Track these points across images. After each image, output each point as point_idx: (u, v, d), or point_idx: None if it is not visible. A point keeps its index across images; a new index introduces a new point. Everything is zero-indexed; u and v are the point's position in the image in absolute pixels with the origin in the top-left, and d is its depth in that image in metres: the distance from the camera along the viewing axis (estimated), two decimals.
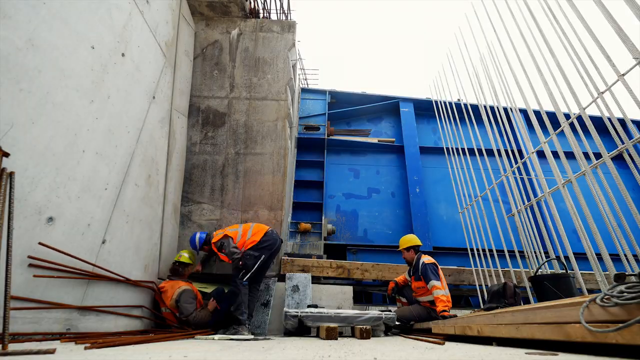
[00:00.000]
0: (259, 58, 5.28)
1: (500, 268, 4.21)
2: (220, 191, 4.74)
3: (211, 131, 4.98)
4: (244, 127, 5.01)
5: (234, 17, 5.39)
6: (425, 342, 2.62)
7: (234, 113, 5.06)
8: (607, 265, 2.40)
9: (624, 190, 2.30)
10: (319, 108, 7.41)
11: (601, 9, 2.39)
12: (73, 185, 2.55)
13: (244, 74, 5.20)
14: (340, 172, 6.80)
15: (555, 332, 1.64)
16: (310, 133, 7.00)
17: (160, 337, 2.56)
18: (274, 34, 5.38)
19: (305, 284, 4.25)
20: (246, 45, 5.32)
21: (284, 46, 5.34)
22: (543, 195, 3.33)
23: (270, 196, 4.75)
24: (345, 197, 6.57)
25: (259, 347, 2.22)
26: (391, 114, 7.63)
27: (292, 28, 5.45)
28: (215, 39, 5.31)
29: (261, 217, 4.65)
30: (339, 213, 6.43)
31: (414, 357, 1.63)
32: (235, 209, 4.68)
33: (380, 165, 6.91)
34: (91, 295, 2.73)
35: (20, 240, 2.11)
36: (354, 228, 6.27)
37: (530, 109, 3.30)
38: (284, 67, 5.23)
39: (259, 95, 5.13)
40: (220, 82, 5.16)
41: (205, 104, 5.08)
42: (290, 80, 5.24)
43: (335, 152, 6.97)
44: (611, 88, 2.39)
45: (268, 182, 4.80)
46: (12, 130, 2.04)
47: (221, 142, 4.94)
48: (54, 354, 1.55)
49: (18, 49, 2.09)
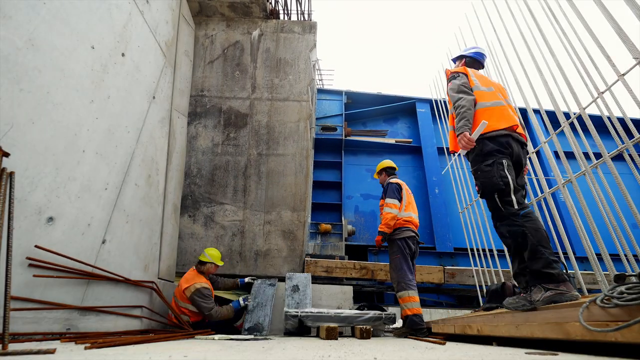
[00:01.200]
0: (280, 59, 5.28)
1: (501, 268, 4.21)
2: (242, 192, 4.75)
3: (233, 132, 4.99)
4: (266, 128, 5.01)
5: (254, 18, 5.39)
6: (426, 342, 2.62)
7: (256, 114, 5.06)
8: (607, 266, 2.40)
9: (624, 190, 2.30)
10: (335, 109, 7.37)
11: (601, 9, 2.39)
12: (73, 185, 2.55)
13: (266, 74, 5.20)
14: (358, 172, 6.77)
15: (555, 330, 1.64)
16: (328, 134, 6.96)
17: (160, 337, 2.56)
18: (295, 35, 5.38)
19: (305, 284, 4.25)
20: (267, 46, 5.32)
21: (305, 47, 5.34)
22: (543, 195, 3.33)
23: (293, 197, 4.75)
24: (364, 197, 6.54)
25: (259, 347, 2.22)
26: (407, 115, 7.58)
27: (313, 29, 5.44)
28: (236, 39, 5.31)
29: (284, 219, 4.66)
30: (357, 214, 6.40)
31: (414, 357, 1.63)
32: (258, 210, 4.69)
33: (398, 166, 6.87)
34: (91, 295, 2.73)
35: (20, 240, 2.11)
36: (373, 229, 6.21)
37: (530, 108, 3.30)
38: (306, 68, 5.23)
39: (280, 96, 5.13)
40: (241, 83, 5.16)
41: (227, 104, 5.08)
42: (312, 81, 5.24)
43: (352, 152, 6.94)
44: (611, 88, 2.39)
45: (291, 183, 4.80)
46: (12, 130, 2.04)
47: (243, 143, 4.95)
48: (54, 354, 1.55)
49: (18, 49, 2.09)
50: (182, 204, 4.68)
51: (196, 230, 4.60)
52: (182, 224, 4.61)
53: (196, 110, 5.06)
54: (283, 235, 4.63)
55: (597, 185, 2.57)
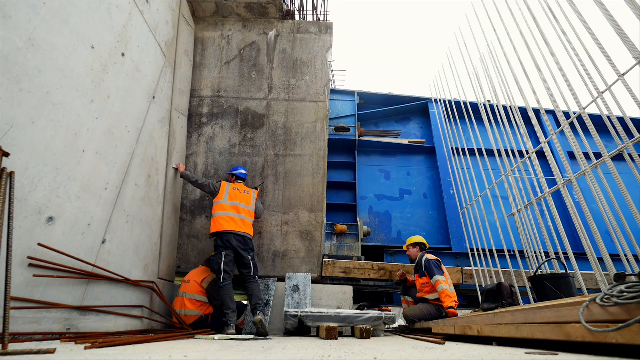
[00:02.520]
0: (297, 59, 5.27)
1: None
2: (260, 193, 4.74)
3: (250, 133, 4.98)
4: (283, 129, 5.00)
5: (271, 19, 5.37)
6: (426, 342, 2.62)
7: (273, 115, 5.05)
8: (607, 266, 2.40)
9: (624, 190, 2.30)
10: (347, 109, 7.36)
11: (601, 9, 2.39)
12: (73, 185, 2.55)
13: (282, 75, 5.19)
14: (371, 173, 6.76)
15: (555, 332, 1.64)
16: (341, 134, 6.95)
17: (160, 337, 2.56)
18: (312, 35, 5.37)
19: (305, 284, 4.25)
20: (284, 47, 5.31)
21: (321, 47, 5.33)
22: (543, 195, 3.33)
23: (310, 198, 4.75)
24: (378, 198, 6.53)
25: (259, 347, 2.22)
26: (419, 115, 7.58)
27: (330, 29, 5.43)
28: (253, 40, 5.30)
29: (302, 219, 4.67)
30: (371, 214, 6.39)
31: (414, 357, 1.63)
32: (275, 210, 4.70)
33: (411, 167, 6.87)
34: (91, 295, 2.73)
35: (21, 240, 2.11)
36: (388, 229, 6.23)
37: (530, 108, 3.30)
38: (322, 69, 5.22)
39: (297, 96, 5.12)
40: (258, 84, 5.16)
41: (244, 105, 5.08)
42: (329, 81, 5.24)
43: (365, 153, 6.93)
44: (611, 88, 2.39)
45: (308, 183, 4.80)
46: (12, 130, 2.04)
47: (260, 143, 4.94)
48: (54, 354, 1.55)
49: (18, 48, 2.08)
50: (200, 205, 4.68)
51: None
52: (200, 224, 4.60)
53: (213, 110, 5.04)
54: (301, 236, 4.63)
55: (597, 185, 2.57)
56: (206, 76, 5.16)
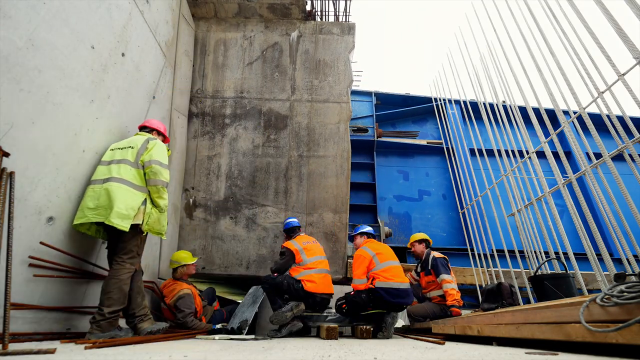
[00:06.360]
0: (319, 60, 5.25)
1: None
2: (284, 194, 4.73)
3: (273, 134, 4.97)
4: (306, 130, 4.99)
5: (293, 19, 5.35)
6: (426, 342, 2.62)
7: (296, 115, 5.04)
8: (607, 266, 2.40)
9: (624, 190, 2.30)
10: (365, 110, 7.33)
11: (601, 9, 2.38)
12: (73, 185, 2.55)
13: (305, 76, 5.18)
14: (390, 174, 6.73)
15: (555, 332, 1.64)
16: (359, 135, 6.93)
17: (160, 337, 2.56)
18: (334, 36, 5.35)
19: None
20: (306, 48, 5.29)
21: (344, 48, 5.31)
22: (543, 195, 3.33)
23: (334, 199, 4.74)
24: (397, 199, 6.51)
25: (259, 347, 2.22)
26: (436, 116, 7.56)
27: (352, 30, 5.40)
28: (275, 41, 5.29)
29: (326, 220, 4.65)
30: (391, 215, 6.36)
31: (414, 357, 1.63)
32: (299, 211, 4.68)
33: (429, 167, 6.83)
34: (91, 295, 2.73)
35: (21, 240, 2.11)
36: (408, 230, 6.18)
37: (530, 107, 3.30)
38: (345, 69, 5.21)
39: (320, 97, 5.11)
40: (281, 85, 5.14)
41: (267, 106, 5.06)
42: (352, 82, 5.22)
43: (383, 154, 6.90)
44: (611, 87, 2.38)
45: (332, 184, 4.79)
46: (12, 130, 2.04)
47: (284, 144, 4.93)
48: (54, 354, 1.55)
49: (18, 48, 2.08)
50: (223, 206, 4.68)
51: (238, 232, 4.59)
52: (224, 225, 4.60)
53: (236, 111, 5.03)
54: (325, 237, 4.61)
55: (597, 185, 2.57)
56: (229, 77, 5.14)
